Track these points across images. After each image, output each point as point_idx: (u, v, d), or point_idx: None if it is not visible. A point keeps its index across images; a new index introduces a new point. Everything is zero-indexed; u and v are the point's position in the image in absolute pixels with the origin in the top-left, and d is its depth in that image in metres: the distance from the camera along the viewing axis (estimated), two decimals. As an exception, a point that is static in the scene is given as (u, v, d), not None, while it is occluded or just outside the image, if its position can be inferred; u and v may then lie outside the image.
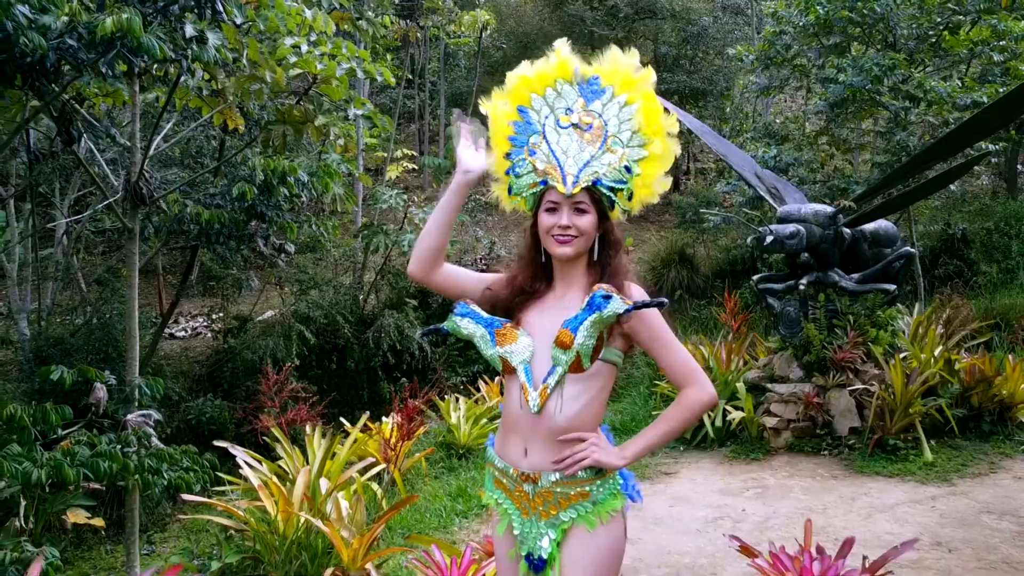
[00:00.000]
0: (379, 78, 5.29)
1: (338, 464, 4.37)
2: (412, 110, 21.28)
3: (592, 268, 1.63)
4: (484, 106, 1.72)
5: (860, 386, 5.70)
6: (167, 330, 11.24)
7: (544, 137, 1.62)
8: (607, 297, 1.51)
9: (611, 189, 1.59)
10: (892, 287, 5.94)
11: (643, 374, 8.38)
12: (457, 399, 6.60)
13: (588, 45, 19.32)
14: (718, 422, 6.02)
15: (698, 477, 5.43)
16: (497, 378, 7.03)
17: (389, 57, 13.39)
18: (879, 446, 5.41)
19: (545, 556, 1.52)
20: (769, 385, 6.11)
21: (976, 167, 16.52)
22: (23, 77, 3.09)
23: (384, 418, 5.32)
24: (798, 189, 7.93)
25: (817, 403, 5.74)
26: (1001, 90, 7.49)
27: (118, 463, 4.15)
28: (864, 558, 2.96)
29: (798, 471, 5.39)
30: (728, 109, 19.08)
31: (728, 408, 6.07)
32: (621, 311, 1.51)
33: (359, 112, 5.56)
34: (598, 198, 1.59)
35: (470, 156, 1.69)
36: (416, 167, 16.73)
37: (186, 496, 3.67)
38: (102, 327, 9.55)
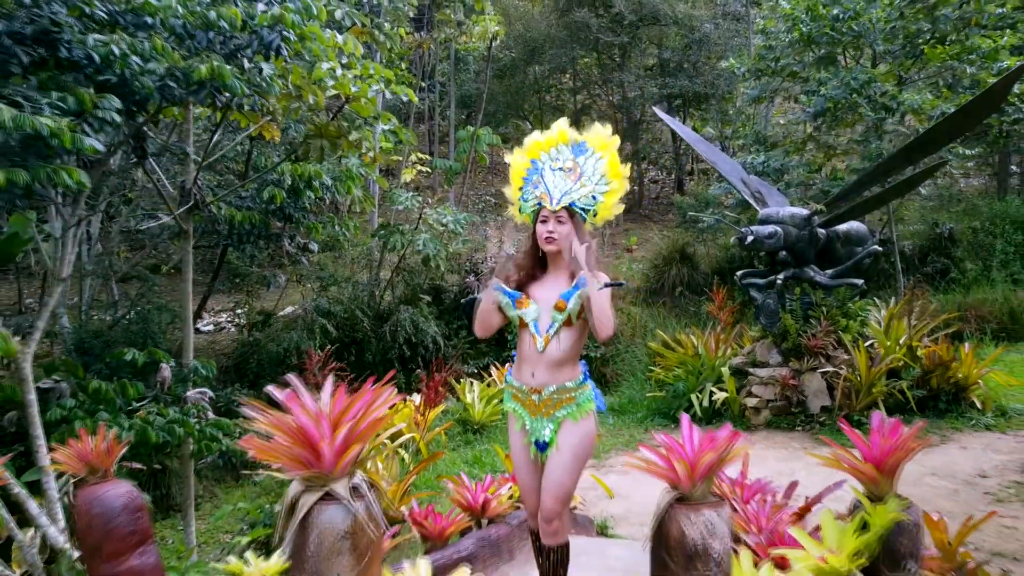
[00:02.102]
0: (404, 98, 6.00)
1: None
2: (422, 111, 21.90)
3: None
4: (508, 157, 2.49)
5: (831, 369, 6.39)
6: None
7: (542, 177, 2.43)
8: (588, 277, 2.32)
9: (582, 209, 2.41)
10: (860, 282, 6.62)
11: (643, 365, 9.08)
12: (472, 383, 7.33)
13: (594, 51, 19.97)
14: (705, 402, 6.72)
15: (685, 449, 6.13)
16: (507, 364, 7.75)
17: (404, 65, 14.08)
18: (846, 422, 6.09)
19: (546, 440, 2.35)
20: (751, 369, 6.80)
21: (970, 169, 17.14)
22: (127, 110, 3.84)
23: (408, 397, 6.05)
24: (783, 193, 8.61)
25: (793, 384, 6.43)
26: (972, 101, 8.12)
27: (189, 429, 4.92)
28: (806, 498, 3.66)
29: (774, 444, 6.09)
30: (731, 111, 19.53)
31: (714, 389, 6.77)
32: (598, 287, 2.29)
33: (386, 127, 6.27)
34: (573, 214, 2.39)
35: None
36: (428, 169, 17.44)
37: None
38: (140, 320, 10.28)
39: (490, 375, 7.96)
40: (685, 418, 2.31)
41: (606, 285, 2.25)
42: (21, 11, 3.23)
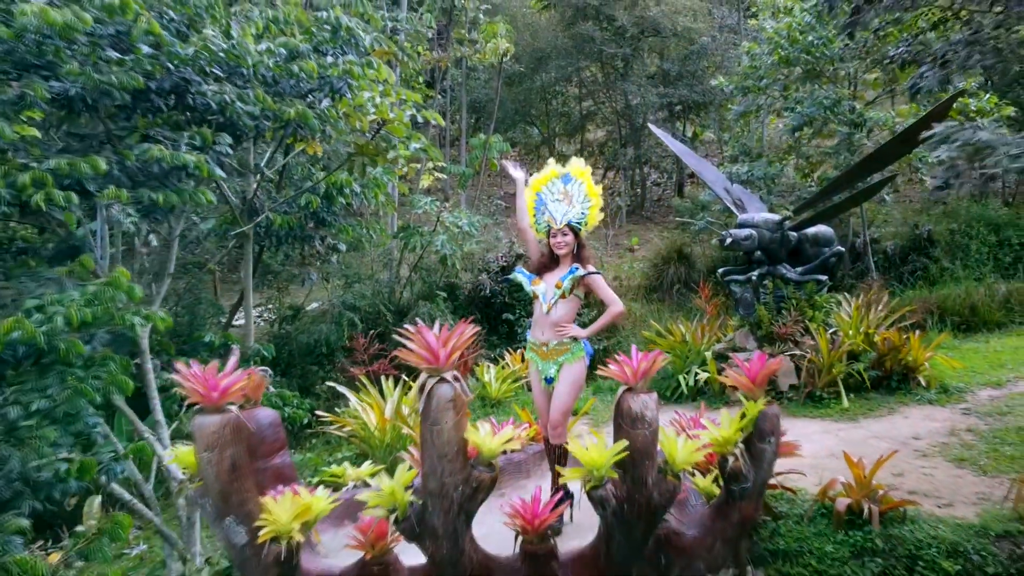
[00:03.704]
0: (433, 122, 7.06)
1: (408, 400, 6.17)
2: (435, 118, 22.87)
3: (573, 258, 3.59)
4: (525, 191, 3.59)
5: (799, 353, 7.41)
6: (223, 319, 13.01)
7: (547, 207, 3.58)
8: (576, 267, 3.49)
9: (577, 223, 3.55)
10: (825, 278, 7.65)
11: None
12: (489, 365, 8.40)
13: (598, 60, 21.00)
14: (691, 382, 7.76)
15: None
16: (519, 350, 8.85)
17: (421, 79, 15.12)
18: (809, 398, 7.14)
19: (551, 376, 3.50)
20: (731, 354, 7.81)
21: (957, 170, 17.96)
22: (227, 141, 4.91)
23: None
24: (772, 198, 9.61)
25: (765, 366, 7.44)
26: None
27: (264, 398, 5.98)
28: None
29: (747, 416, 7.11)
30: (730, 117, 20.42)
31: (698, 371, 7.81)
32: (583, 274, 3.48)
33: (417, 145, 7.33)
34: (572, 227, 3.54)
35: (517, 174, 3.72)
36: (443, 175, 18.52)
37: (319, 413, 5.47)
38: (187, 312, 11.36)
39: (503, 358, 9.03)
40: (634, 347, 3.36)
41: (590, 272, 3.37)
42: (163, 72, 4.31)
